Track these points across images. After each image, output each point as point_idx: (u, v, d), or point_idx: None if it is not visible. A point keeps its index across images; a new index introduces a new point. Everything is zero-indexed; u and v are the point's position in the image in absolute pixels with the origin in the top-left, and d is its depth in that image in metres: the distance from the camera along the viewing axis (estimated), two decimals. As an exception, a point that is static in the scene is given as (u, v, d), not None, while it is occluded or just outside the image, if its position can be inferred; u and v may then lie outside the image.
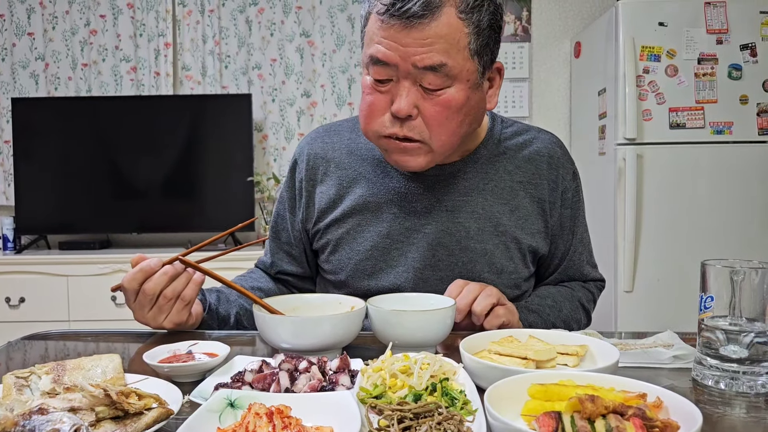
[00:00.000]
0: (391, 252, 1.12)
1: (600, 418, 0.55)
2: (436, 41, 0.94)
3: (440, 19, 0.93)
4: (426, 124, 0.99)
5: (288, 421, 0.56)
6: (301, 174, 1.20)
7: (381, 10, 0.94)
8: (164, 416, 0.59)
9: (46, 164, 3.24)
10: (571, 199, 1.19)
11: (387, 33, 0.95)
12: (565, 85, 3.49)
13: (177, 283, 0.96)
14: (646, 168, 2.70)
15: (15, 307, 2.97)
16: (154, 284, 0.94)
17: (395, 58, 0.95)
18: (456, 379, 0.70)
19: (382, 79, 0.98)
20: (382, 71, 0.98)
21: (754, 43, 2.67)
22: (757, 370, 0.74)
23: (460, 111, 1.00)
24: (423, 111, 0.99)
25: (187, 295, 0.97)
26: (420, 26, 0.93)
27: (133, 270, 0.95)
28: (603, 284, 1.29)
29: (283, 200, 1.25)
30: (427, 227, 1.12)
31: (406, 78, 0.97)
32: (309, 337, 0.83)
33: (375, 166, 1.16)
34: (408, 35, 0.93)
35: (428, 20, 0.93)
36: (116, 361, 0.73)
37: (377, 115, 1.01)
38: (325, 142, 1.21)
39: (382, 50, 0.96)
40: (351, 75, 3.45)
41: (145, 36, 3.40)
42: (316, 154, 1.20)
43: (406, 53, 0.94)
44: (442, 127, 1.00)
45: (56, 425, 0.51)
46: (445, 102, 0.98)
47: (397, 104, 0.97)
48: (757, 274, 0.74)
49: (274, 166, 3.47)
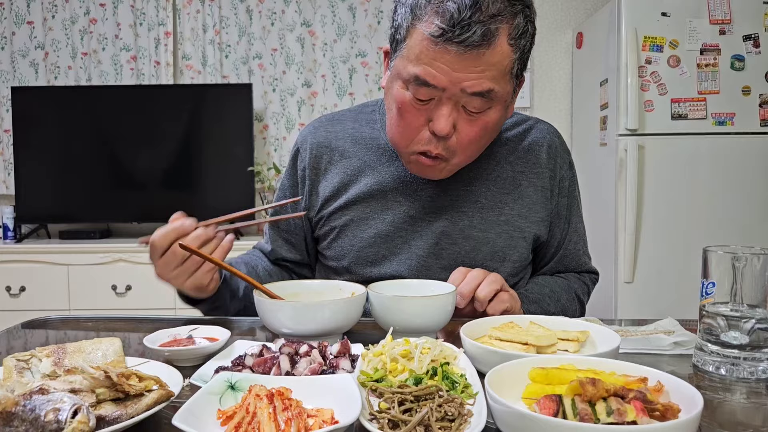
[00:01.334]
0: (394, 240, 1.13)
1: (601, 400, 0.55)
2: (488, 69, 0.93)
3: (495, 48, 0.92)
4: (459, 142, 1.00)
5: (288, 403, 0.56)
6: (304, 162, 1.20)
7: (436, 33, 0.91)
8: (165, 398, 0.59)
9: (46, 153, 3.23)
10: (567, 188, 1.21)
11: (439, 57, 0.92)
12: (566, 75, 3.48)
13: (207, 247, 0.93)
14: (647, 159, 2.69)
15: (15, 296, 2.98)
16: (186, 244, 0.90)
17: (445, 82, 0.94)
18: (457, 363, 0.70)
19: (424, 99, 0.98)
20: (426, 92, 0.96)
21: (757, 34, 2.66)
22: (758, 356, 0.74)
23: (494, 130, 1.03)
24: (460, 131, 0.99)
25: (216, 255, 0.94)
26: (476, 54, 0.91)
27: (167, 227, 0.92)
28: (597, 277, 1.30)
29: (284, 188, 1.25)
30: (431, 216, 1.12)
31: (449, 99, 0.96)
32: (309, 323, 0.83)
33: (380, 155, 1.16)
34: (462, 61, 0.92)
35: (485, 49, 0.91)
36: (117, 344, 0.73)
37: (413, 132, 1.01)
38: (328, 131, 1.21)
39: (433, 73, 0.94)
40: (352, 65, 3.44)
41: (145, 25, 3.38)
42: (320, 143, 1.19)
43: (457, 78, 0.93)
44: (474, 145, 1.02)
45: (56, 405, 0.51)
46: (483, 123, 0.99)
47: (438, 124, 0.97)
48: (759, 260, 0.73)
49: (274, 156, 3.47)
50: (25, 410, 0.51)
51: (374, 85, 3.45)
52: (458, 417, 0.55)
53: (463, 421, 0.55)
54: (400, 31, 0.98)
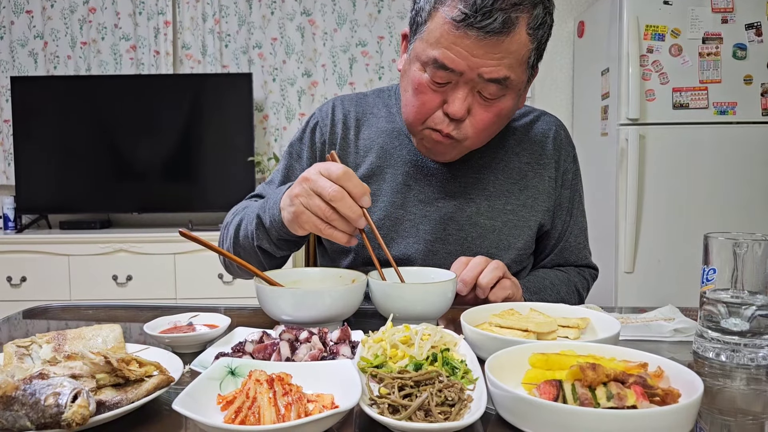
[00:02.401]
0: (403, 223, 1.14)
1: (601, 385, 0.55)
2: (506, 56, 0.95)
3: (514, 37, 0.94)
4: (472, 126, 1.02)
5: (288, 388, 0.56)
6: (324, 136, 1.20)
7: (458, 17, 0.92)
8: (165, 383, 0.59)
9: (46, 143, 3.22)
10: (570, 180, 1.23)
11: (459, 41, 0.94)
12: (568, 65, 3.46)
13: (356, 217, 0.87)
14: (648, 148, 2.68)
15: (16, 286, 2.98)
16: (361, 193, 0.86)
17: (463, 66, 0.95)
18: (457, 350, 0.70)
19: (442, 82, 0.99)
20: (444, 76, 0.97)
21: (760, 23, 2.64)
22: (758, 342, 0.74)
23: (506, 117, 1.05)
24: (474, 115, 1.01)
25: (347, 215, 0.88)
26: (495, 41, 0.93)
27: (335, 185, 0.85)
28: (596, 273, 1.30)
29: (300, 158, 1.22)
30: (440, 201, 1.14)
31: (466, 83, 0.98)
32: (309, 310, 0.83)
33: (393, 138, 1.18)
34: (481, 47, 0.93)
35: (504, 37, 0.93)
36: (117, 330, 0.73)
37: (428, 112, 1.02)
38: (347, 110, 1.22)
39: (452, 57, 0.95)
40: (352, 54, 3.42)
41: (145, 14, 3.36)
42: (339, 119, 1.21)
43: (475, 64, 0.95)
44: (487, 131, 1.03)
45: (56, 389, 0.51)
46: (497, 110, 1.01)
47: (453, 107, 0.98)
48: (760, 247, 0.73)
49: (274, 146, 3.46)
50: (26, 394, 0.51)
51: (375, 74, 3.43)
52: (458, 402, 0.55)
53: (463, 406, 0.55)
54: (422, 14, 0.99)
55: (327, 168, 0.87)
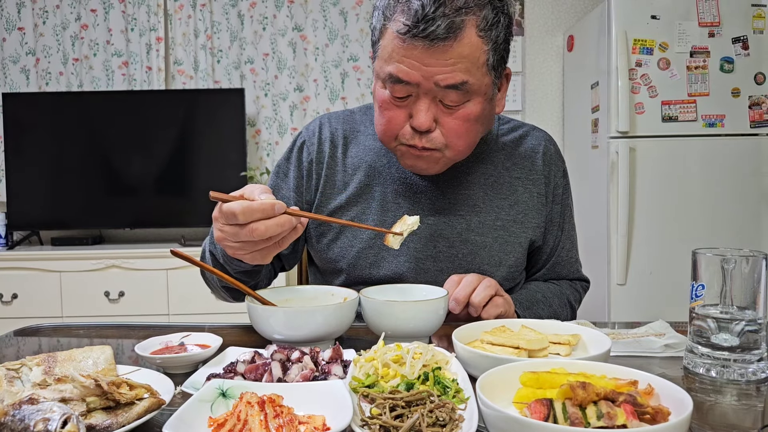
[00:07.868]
0: None
1: (591, 404, 0.55)
2: (459, 61, 0.95)
3: (462, 40, 0.94)
4: (444, 136, 1.01)
5: (280, 410, 0.56)
6: (311, 156, 1.19)
7: (402, 30, 0.93)
8: (156, 406, 0.59)
9: (37, 160, 3.22)
10: (561, 195, 1.23)
11: (408, 53, 0.95)
12: (557, 78, 3.49)
13: (285, 231, 0.85)
14: (638, 161, 2.71)
15: (7, 303, 2.96)
16: (266, 229, 0.82)
17: (417, 77, 0.96)
18: (448, 368, 0.71)
19: (402, 96, 0.99)
20: (402, 89, 0.98)
21: (746, 36, 2.68)
22: (748, 357, 0.74)
23: (477, 122, 1.03)
24: (442, 124, 1.01)
25: (285, 242, 0.88)
26: (443, 47, 0.93)
27: (255, 205, 0.82)
28: (588, 285, 1.31)
29: (286, 177, 1.21)
30: (430, 219, 1.13)
31: (426, 94, 0.98)
32: (301, 328, 0.83)
33: (381, 157, 1.17)
34: (431, 56, 0.94)
35: (451, 42, 0.93)
36: (108, 352, 0.73)
37: (396, 128, 1.03)
38: (334, 128, 1.21)
39: (405, 70, 0.96)
40: (344, 69, 3.44)
41: (137, 30, 3.38)
42: (326, 138, 1.20)
43: (428, 73, 0.95)
44: (460, 138, 1.03)
45: (46, 414, 0.51)
46: (463, 116, 1.00)
47: (417, 119, 0.99)
48: (747, 263, 0.74)
49: (267, 161, 3.47)
50: (15, 420, 0.51)
51: (366, 89, 3.45)
52: (449, 422, 0.55)
53: (454, 426, 0.55)
54: (375, 33, 1.01)
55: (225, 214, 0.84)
